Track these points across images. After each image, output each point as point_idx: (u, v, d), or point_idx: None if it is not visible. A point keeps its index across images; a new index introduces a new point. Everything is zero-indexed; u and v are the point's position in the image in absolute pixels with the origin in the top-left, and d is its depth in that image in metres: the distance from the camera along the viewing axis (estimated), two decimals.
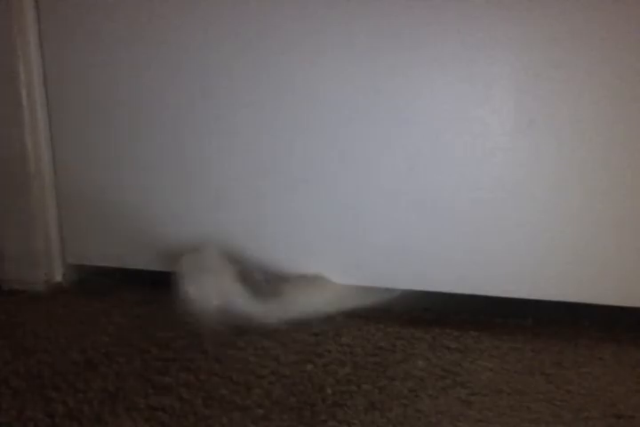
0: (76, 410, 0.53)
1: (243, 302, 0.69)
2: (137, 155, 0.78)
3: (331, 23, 0.69)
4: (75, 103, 0.78)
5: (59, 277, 0.84)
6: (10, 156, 0.79)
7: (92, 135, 0.78)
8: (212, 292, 0.70)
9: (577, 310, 0.72)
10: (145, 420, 0.51)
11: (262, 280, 0.73)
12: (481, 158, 0.69)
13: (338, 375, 0.60)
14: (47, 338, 0.67)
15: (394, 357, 0.64)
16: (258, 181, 0.75)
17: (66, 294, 0.81)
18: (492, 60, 0.66)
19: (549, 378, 0.60)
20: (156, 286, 0.81)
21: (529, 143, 0.68)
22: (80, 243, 0.83)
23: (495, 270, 0.72)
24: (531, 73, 0.66)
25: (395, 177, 0.72)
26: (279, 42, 0.71)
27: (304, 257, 0.76)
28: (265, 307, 0.70)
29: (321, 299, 0.73)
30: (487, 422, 0.52)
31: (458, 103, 0.68)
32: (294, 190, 0.75)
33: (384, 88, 0.69)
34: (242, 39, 0.71)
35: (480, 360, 0.63)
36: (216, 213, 0.77)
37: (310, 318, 0.71)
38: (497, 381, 0.59)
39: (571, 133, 0.67)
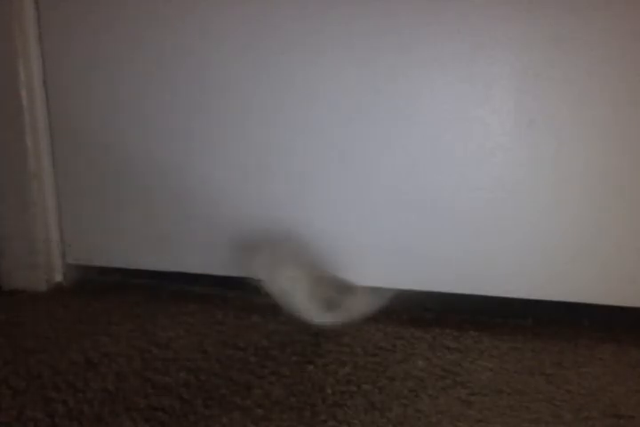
0: (76, 410, 0.53)
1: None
2: (136, 155, 0.78)
3: (331, 23, 0.69)
4: (75, 103, 0.78)
5: (59, 278, 0.84)
6: (10, 156, 0.79)
7: (92, 135, 0.78)
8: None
9: (577, 310, 0.72)
10: (145, 420, 0.51)
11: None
12: (481, 158, 0.69)
13: (338, 375, 0.60)
14: (47, 338, 0.67)
15: (394, 357, 0.64)
16: (258, 181, 0.75)
17: (66, 294, 0.81)
18: (492, 60, 0.66)
19: (549, 378, 0.60)
20: (156, 285, 0.81)
21: (529, 143, 0.68)
22: (80, 243, 0.83)
23: (495, 270, 0.72)
24: (531, 73, 0.66)
25: (395, 177, 0.72)
26: (279, 42, 0.70)
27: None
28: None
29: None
30: (487, 423, 0.52)
31: (458, 103, 0.68)
32: (294, 190, 0.75)
33: (384, 88, 0.69)
34: (242, 39, 0.71)
35: (480, 360, 0.63)
36: (216, 212, 0.77)
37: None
38: (497, 381, 0.59)
39: (571, 133, 0.67)
